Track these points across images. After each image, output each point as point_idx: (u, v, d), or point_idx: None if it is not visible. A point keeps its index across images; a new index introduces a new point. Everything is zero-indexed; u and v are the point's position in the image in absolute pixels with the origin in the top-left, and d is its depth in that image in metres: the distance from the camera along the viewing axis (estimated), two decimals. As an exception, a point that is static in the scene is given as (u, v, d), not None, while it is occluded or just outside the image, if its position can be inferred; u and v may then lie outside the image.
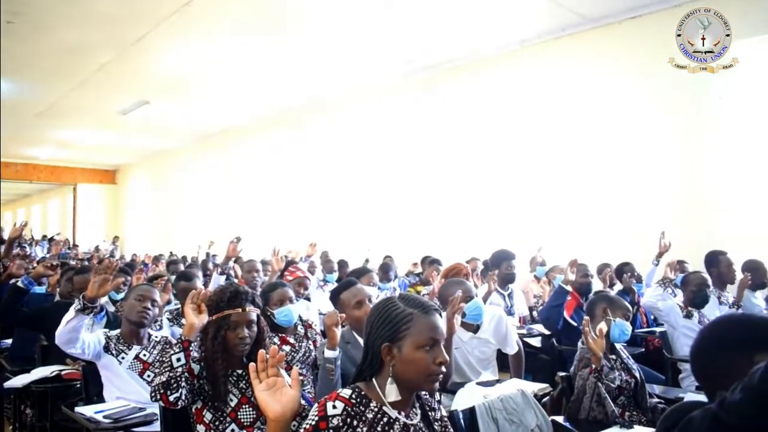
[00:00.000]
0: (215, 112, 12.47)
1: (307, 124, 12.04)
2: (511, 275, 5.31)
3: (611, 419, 2.71)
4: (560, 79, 7.87)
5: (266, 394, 1.58)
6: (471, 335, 3.47)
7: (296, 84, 10.27)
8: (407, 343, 1.66)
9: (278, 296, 3.35)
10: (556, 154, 7.94)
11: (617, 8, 7.08)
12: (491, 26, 7.73)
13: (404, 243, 9.31)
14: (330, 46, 8.36)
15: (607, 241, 6.96)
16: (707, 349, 1.32)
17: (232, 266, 6.27)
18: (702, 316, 4.47)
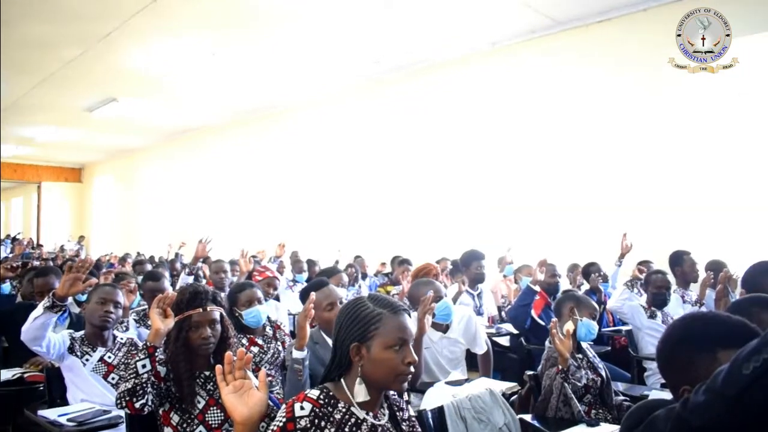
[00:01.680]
0: (184, 111, 12.35)
1: (276, 124, 11.98)
2: (481, 275, 5.33)
3: (577, 418, 2.74)
4: (531, 81, 7.95)
5: (233, 397, 1.56)
6: (441, 335, 3.48)
7: (265, 84, 10.22)
8: (376, 342, 1.66)
9: (246, 297, 3.33)
10: (524, 154, 8.02)
11: (586, 11, 7.18)
12: (462, 27, 7.77)
13: (374, 243, 9.31)
14: (299, 45, 8.32)
15: (574, 241, 7.05)
16: (673, 345, 1.34)
17: (201, 267, 6.21)
18: (666, 315, 4.55)
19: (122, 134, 14.69)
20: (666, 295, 4.59)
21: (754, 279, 2.76)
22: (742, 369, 0.90)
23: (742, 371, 0.89)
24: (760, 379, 0.87)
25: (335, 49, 8.49)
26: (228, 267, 5.48)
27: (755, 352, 0.89)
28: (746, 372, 0.89)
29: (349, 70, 9.50)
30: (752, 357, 0.89)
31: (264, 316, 3.36)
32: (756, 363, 0.87)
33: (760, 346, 0.89)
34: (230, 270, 5.58)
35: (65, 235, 19.03)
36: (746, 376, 0.88)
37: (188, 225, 13.66)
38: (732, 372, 0.92)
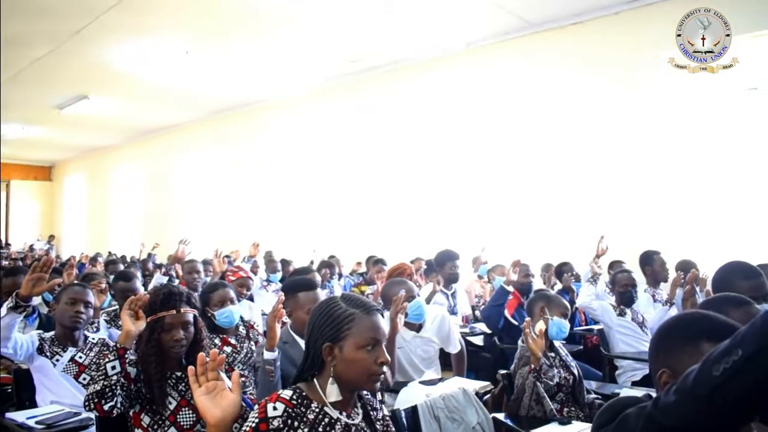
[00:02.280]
0: (156, 109, 12.22)
1: (250, 123, 11.91)
2: (455, 275, 5.36)
3: (550, 417, 2.77)
4: (505, 81, 8.01)
5: (206, 399, 1.55)
6: (414, 334, 3.49)
7: (240, 82, 10.17)
8: (348, 343, 1.66)
9: (219, 297, 3.31)
10: (498, 155, 8.09)
11: (559, 14, 7.26)
12: (437, 28, 7.80)
13: (349, 243, 9.31)
14: (274, 43, 8.29)
15: (547, 241, 7.12)
16: (668, 331, 1.37)
17: (173, 267, 6.15)
18: (635, 313, 4.61)
19: (93, 132, 14.49)
20: (632, 292, 4.65)
21: (724, 279, 2.81)
22: (712, 370, 0.90)
23: (712, 372, 0.90)
24: (730, 380, 0.88)
25: (311, 47, 8.47)
26: (201, 267, 5.43)
27: (725, 353, 0.90)
28: (716, 373, 0.89)
29: (325, 69, 9.48)
30: (722, 358, 0.89)
31: (237, 316, 3.35)
32: (726, 364, 0.88)
33: (730, 348, 0.89)
34: (203, 270, 5.53)
35: (34, 235, 18.72)
36: (716, 377, 0.89)
37: (162, 225, 13.55)
38: (702, 372, 0.93)
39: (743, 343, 0.88)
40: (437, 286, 4.95)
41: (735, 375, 0.87)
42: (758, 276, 2.74)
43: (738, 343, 0.88)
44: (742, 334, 0.89)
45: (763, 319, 0.87)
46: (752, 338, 0.87)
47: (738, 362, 0.87)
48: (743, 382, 0.87)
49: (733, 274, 2.78)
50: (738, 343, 0.88)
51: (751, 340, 0.87)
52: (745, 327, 0.89)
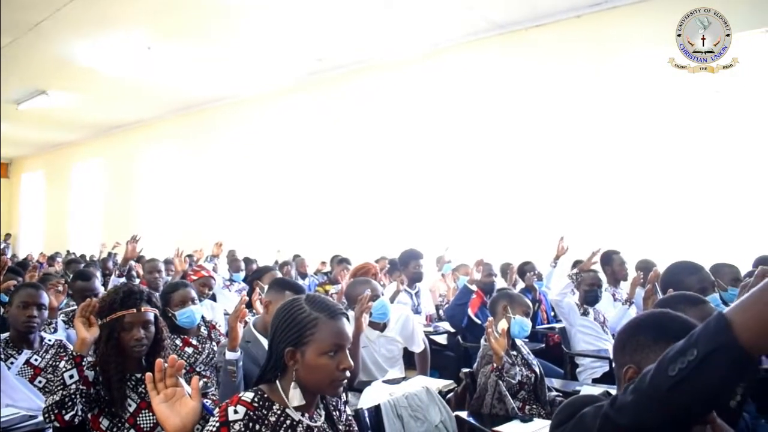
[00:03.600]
0: (118, 105, 12.01)
1: (214, 120, 11.78)
2: (419, 274, 5.37)
3: (511, 415, 2.80)
4: (471, 82, 8.08)
5: (164, 407, 1.52)
6: (378, 334, 3.49)
7: (203, 79, 10.05)
8: (311, 348, 1.63)
9: (180, 297, 3.26)
10: (461, 155, 8.15)
11: (525, 16, 7.37)
12: (404, 28, 7.82)
13: (313, 242, 9.27)
14: (238, 40, 8.22)
15: (510, 241, 7.20)
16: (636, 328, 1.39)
17: (134, 266, 6.04)
18: (597, 312, 4.69)
19: (53, 128, 14.17)
20: (597, 292, 4.73)
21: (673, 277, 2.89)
22: (668, 370, 0.92)
23: (668, 372, 0.91)
24: (685, 380, 0.89)
25: (276, 45, 8.42)
26: (162, 266, 5.35)
27: (680, 353, 0.91)
28: (672, 373, 0.91)
29: (291, 67, 9.44)
30: (678, 358, 0.91)
31: (198, 316, 3.31)
32: (681, 364, 0.89)
33: (685, 348, 0.91)
34: (164, 270, 5.44)
35: (-10, 233, 18.23)
36: (671, 377, 0.91)
37: (124, 223, 13.29)
38: (658, 372, 0.94)
39: (698, 343, 0.89)
40: (401, 286, 4.96)
41: (690, 375, 0.88)
42: (701, 270, 2.91)
43: (693, 343, 0.90)
44: (697, 335, 0.90)
45: (717, 319, 0.88)
46: (706, 339, 0.88)
47: (693, 362, 0.88)
48: (698, 382, 0.88)
49: (679, 271, 2.89)
50: (693, 343, 0.90)
51: (705, 341, 0.88)
52: (700, 328, 0.91)
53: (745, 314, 0.86)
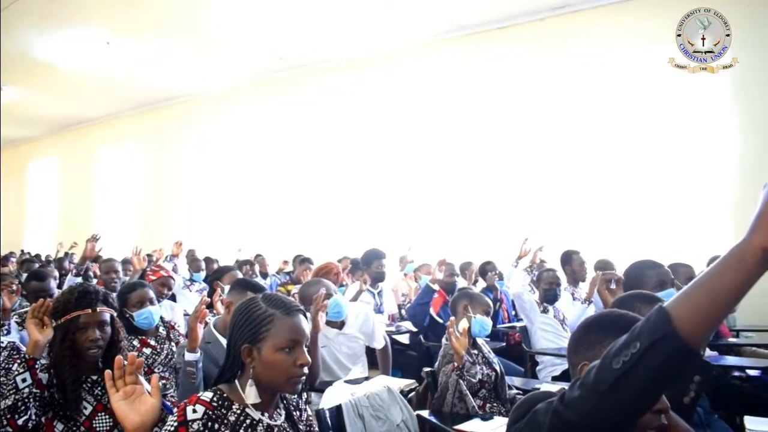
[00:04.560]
0: (76, 101, 11.78)
1: (175, 118, 11.62)
2: (381, 274, 5.37)
3: (472, 413, 2.82)
4: (435, 82, 8.13)
5: (123, 404, 1.50)
6: (337, 332, 3.47)
7: (164, 76, 9.90)
8: (267, 344, 1.63)
9: (137, 297, 3.19)
10: (423, 155, 8.20)
11: (490, 18, 7.47)
12: (368, 28, 7.83)
13: (276, 242, 9.21)
14: (199, 36, 8.12)
15: (472, 241, 7.26)
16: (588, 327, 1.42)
17: (91, 266, 5.91)
18: (557, 311, 4.76)
19: (7, 124, 13.74)
20: (556, 290, 4.80)
21: (635, 273, 2.96)
22: (612, 363, 0.93)
23: (612, 366, 0.93)
24: (629, 372, 0.91)
25: (238, 42, 8.34)
26: (119, 266, 5.24)
27: (624, 347, 0.93)
28: (616, 366, 0.92)
29: (252, 65, 9.36)
30: (621, 352, 0.92)
31: (156, 317, 3.25)
32: (625, 357, 0.91)
33: (628, 342, 0.93)
34: (122, 270, 5.34)
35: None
36: (616, 371, 0.92)
37: (82, 222, 13.01)
38: (603, 367, 0.95)
39: (640, 336, 0.91)
40: (364, 285, 4.95)
41: (634, 367, 0.90)
42: (661, 266, 2.98)
43: (635, 337, 0.92)
44: (639, 328, 0.92)
45: (657, 312, 0.91)
46: (648, 331, 0.90)
47: (636, 355, 0.90)
48: (641, 374, 0.90)
49: (641, 267, 2.96)
50: (635, 337, 0.92)
51: (647, 334, 0.90)
52: (642, 321, 0.93)
53: (684, 306, 0.89)
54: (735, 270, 0.85)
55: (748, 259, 0.84)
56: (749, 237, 0.84)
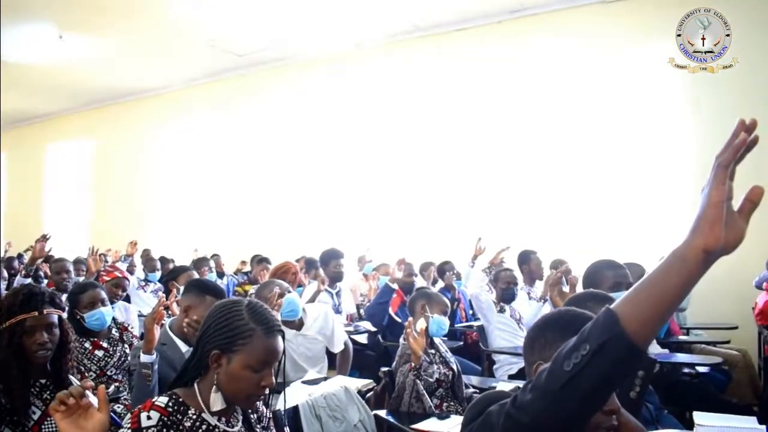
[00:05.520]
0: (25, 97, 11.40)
1: (128, 115, 11.37)
2: (340, 274, 5.35)
3: (429, 413, 2.83)
4: (392, 82, 8.15)
5: (67, 423, 1.43)
6: (295, 332, 3.44)
7: (118, 71, 9.70)
8: (239, 357, 1.59)
9: (88, 298, 3.12)
10: (380, 155, 8.23)
11: (447, 20, 7.51)
12: (326, 26, 7.80)
13: (233, 241, 9.10)
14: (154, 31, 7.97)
15: (430, 241, 7.30)
16: (544, 326, 1.43)
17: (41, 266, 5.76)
18: (513, 310, 4.81)
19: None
20: (514, 290, 4.85)
21: (593, 272, 3.02)
22: (563, 366, 0.95)
23: (563, 368, 0.94)
24: (579, 374, 0.92)
25: (194, 38, 8.21)
26: (71, 267, 5.12)
27: (574, 349, 0.94)
28: (567, 369, 0.94)
29: (208, 62, 9.22)
30: (572, 354, 0.94)
31: (109, 318, 3.18)
32: (575, 359, 0.93)
33: (578, 344, 0.94)
34: (74, 270, 5.21)
35: None
36: (567, 373, 0.94)
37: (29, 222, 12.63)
38: (554, 369, 0.97)
39: (589, 338, 0.92)
40: (322, 286, 4.93)
41: (584, 369, 0.92)
42: (621, 267, 3.02)
43: (585, 338, 0.93)
44: (588, 330, 0.94)
45: (605, 314, 0.93)
46: (596, 333, 0.92)
47: (586, 356, 0.92)
48: (591, 375, 0.92)
49: (600, 267, 3.02)
50: (585, 338, 0.93)
51: (596, 335, 0.92)
52: (590, 323, 0.95)
53: (630, 307, 0.91)
54: (678, 271, 0.88)
55: (690, 260, 0.87)
56: (690, 239, 0.87)
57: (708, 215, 0.86)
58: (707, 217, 0.86)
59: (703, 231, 0.86)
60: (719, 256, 0.87)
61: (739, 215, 0.87)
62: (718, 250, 0.86)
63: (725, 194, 0.85)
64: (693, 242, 0.87)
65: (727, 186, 0.85)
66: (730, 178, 0.85)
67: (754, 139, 0.84)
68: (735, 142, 0.85)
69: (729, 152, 0.85)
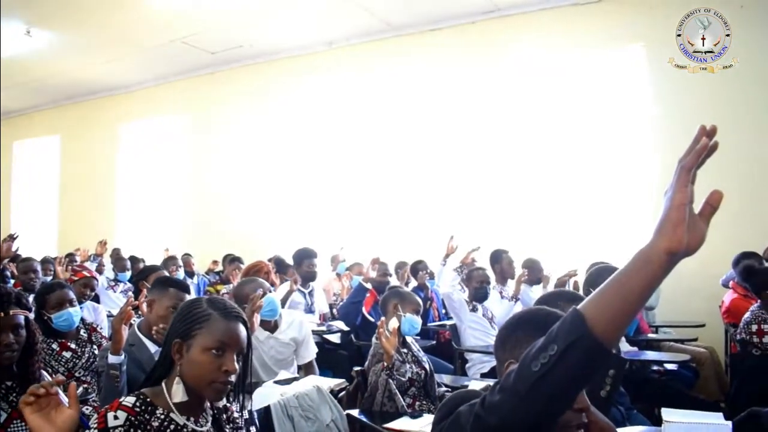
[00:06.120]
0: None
1: (98, 113, 11.16)
2: (313, 273, 5.34)
3: (401, 412, 2.84)
4: (365, 81, 8.14)
5: (37, 418, 1.43)
6: (268, 335, 3.42)
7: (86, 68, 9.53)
8: (197, 342, 1.60)
9: (56, 299, 3.06)
10: (353, 154, 8.24)
11: (420, 19, 7.51)
12: (299, 25, 7.76)
13: (205, 241, 9.01)
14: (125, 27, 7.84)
15: (404, 240, 7.31)
16: (515, 325, 1.44)
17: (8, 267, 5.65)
18: (485, 309, 4.85)
19: None
20: (486, 289, 4.90)
21: (597, 275, 3.07)
22: (531, 366, 0.95)
23: (531, 368, 0.95)
24: (548, 374, 0.93)
25: (165, 35, 8.10)
26: (38, 266, 5.02)
27: (542, 350, 0.95)
28: (535, 369, 0.94)
29: (181, 59, 9.10)
30: (539, 355, 0.95)
31: (76, 318, 3.13)
32: (543, 360, 0.94)
33: (546, 345, 0.95)
34: (41, 270, 5.12)
35: None
36: (535, 373, 0.94)
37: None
38: (522, 370, 0.97)
39: (557, 339, 0.93)
40: (294, 286, 4.91)
41: (552, 369, 0.93)
42: None
43: (553, 339, 0.94)
44: (555, 331, 0.95)
45: (572, 315, 0.94)
46: (564, 333, 0.93)
47: (554, 357, 0.92)
48: (559, 375, 0.93)
49: (602, 271, 3.07)
50: (553, 339, 0.94)
51: (564, 336, 0.93)
52: (557, 325, 0.96)
53: (596, 307, 0.93)
54: (643, 272, 0.90)
55: (654, 261, 0.89)
56: (654, 240, 0.89)
57: (671, 217, 0.88)
58: (671, 219, 0.88)
59: (666, 233, 0.88)
60: (682, 258, 0.89)
61: (700, 218, 0.89)
62: (681, 251, 0.87)
63: (688, 197, 0.87)
64: (657, 244, 0.88)
65: (690, 189, 0.87)
66: (692, 181, 0.87)
67: (714, 144, 0.86)
68: (697, 147, 0.86)
69: (692, 156, 0.87)
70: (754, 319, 3.60)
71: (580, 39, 6.75)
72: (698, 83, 5.63)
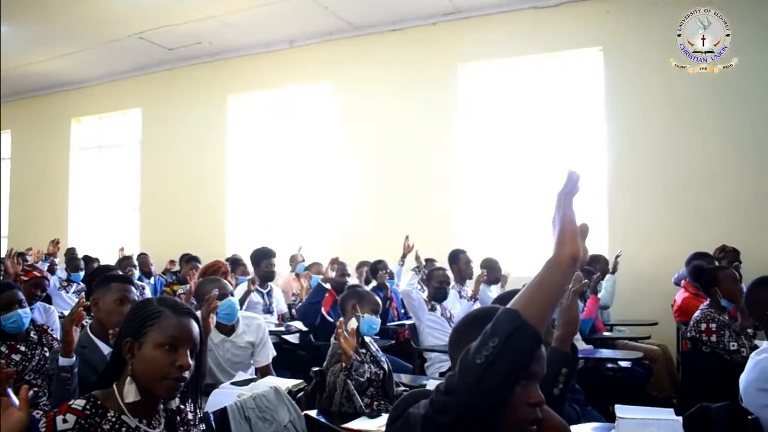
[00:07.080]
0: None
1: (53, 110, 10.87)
2: (271, 273, 5.31)
3: (360, 412, 2.84)
4: (327, 81, 8.12)
5: None
6: (223, 338, 3.36)
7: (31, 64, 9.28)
8: (149, 339, 1.57)
9: (5, 300, 2.98)
10: (315, 155, 8.22)
11: (382, 20, 7.54)
12: (259, 23, 7.69)
13: (161, 241, 8.86)
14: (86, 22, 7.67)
15: (363, 240, 7.31)
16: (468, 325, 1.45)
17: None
18: (444, 308, 4.89)
19: None
20: (446, 289, 4.93)
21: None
22: (475, 359, 1.03)
23: (475, 362, 1.03)
24: (494, 363, 1.02)
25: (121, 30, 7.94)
26: (-11, 268, 4.88)
27: (482, 345, 1.04)
28: (479, 361, 1.03)
29: (137, 55, 8.93)
30: (482, 348, 1.04)
31: (26, 320, 3.04)
32: (486, 351, 1.03)
33: (485, 340, 1.04)
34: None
35: None
36: (480, 365, 1.02)
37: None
38: (466, 367, 1.04)
39: (497, 332, 1.04)
40: (252, 286, 4.87)
41: (496, 359, 1.02)
42: None
43: (492, 334, 1.04)
44: (491, 329, 1.05)
45: (506, 312, 1.07)
46: (503, 326, 1.05)
47: (497, 347, 1.02)
48: (503, 364, 1.02)
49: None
50: (492, 334, 1.04)
51: (503, 328, 1.04)
52: (491, 324, 1.06)
53: (526, 303, 1.08)
54: (556, 273, 1.09)
55: (563, 265, 1.08)
56: (559, 250, 1.09)
57: (569, 230, 1.09)
58: (570, 232, 1.09)
59: (567, 243, 1.08)
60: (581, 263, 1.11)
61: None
62: (580, 258, 1.08)
63: (575, 216, 1.10)
64: (562, 252, 1.08)
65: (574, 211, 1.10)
66: None
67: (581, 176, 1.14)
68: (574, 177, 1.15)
69: (573, 186, 1.14)
70: (704, 318, 3.70)
71: (540, 41, 6.85)
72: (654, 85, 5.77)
